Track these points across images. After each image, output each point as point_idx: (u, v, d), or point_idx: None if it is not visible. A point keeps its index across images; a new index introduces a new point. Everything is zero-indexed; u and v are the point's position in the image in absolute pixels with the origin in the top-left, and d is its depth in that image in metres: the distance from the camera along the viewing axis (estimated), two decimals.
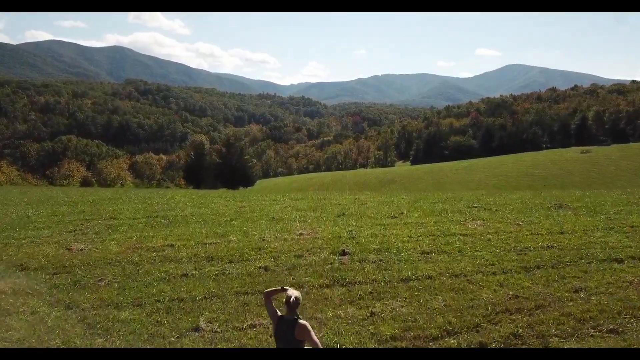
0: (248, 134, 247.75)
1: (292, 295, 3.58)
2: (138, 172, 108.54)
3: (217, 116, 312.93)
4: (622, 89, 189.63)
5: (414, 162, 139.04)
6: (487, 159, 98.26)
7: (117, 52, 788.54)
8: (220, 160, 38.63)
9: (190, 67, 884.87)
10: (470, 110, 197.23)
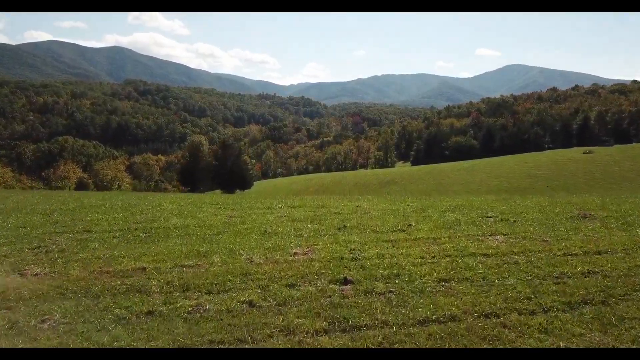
0: (247, 135, 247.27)
1: None
2: (136, 173, 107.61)
3: (216, 116, 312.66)
4: (624, 89, 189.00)
5: (414, 162, 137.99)
6: (489, 159, 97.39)
7: (117, 53, 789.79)
8: (216, 162, 37.47)
9: (190, 68, 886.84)
10: (470, 110, 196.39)
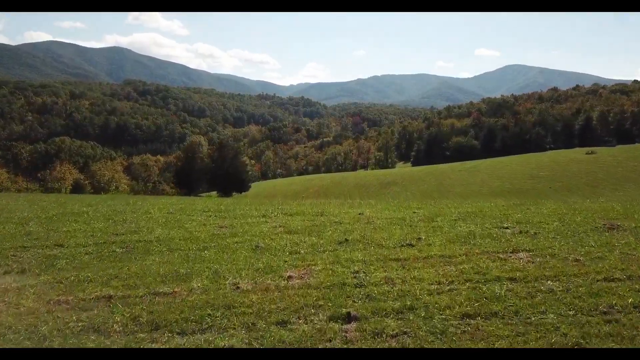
0: (247, 135, 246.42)
1: None
2: (134, 174, 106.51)
3: (216, 117, 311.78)
4: (625, 88, 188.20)
5: (414, 163, 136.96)
6: (490, 160, 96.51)
7: (117, 53, 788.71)
8: (213, 163, 36.32)
9: (190, 68, 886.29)
10: (471, 110, 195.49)
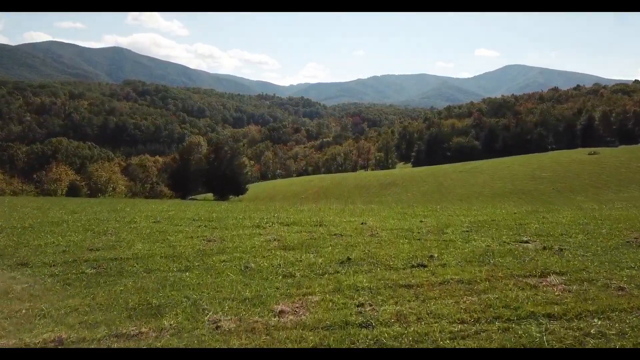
0: (247, 135, 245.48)
1: None
2: (132, 175, 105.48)
3: (215, 117, 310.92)
4: (626, 88, 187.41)
5: (415, 163, 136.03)
6: (491, 160, 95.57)
7: (116, 53, 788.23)
8: (208, 166, 35.15)
9: (189, 68, 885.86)
10: (471, 110, 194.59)
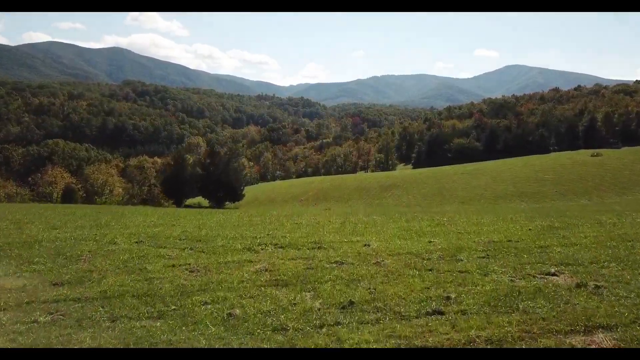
0: (246, 136, 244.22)
1: None
2: (129, 176, 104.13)
3: (215, 117, 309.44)
4: (628, 89, 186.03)
5: (415, 165, 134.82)
6: (493, 162, 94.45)
7: (116, 54, 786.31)
8: (204, 171, 33.78)
9: (189, 69, 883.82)
10: (472, 111, 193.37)
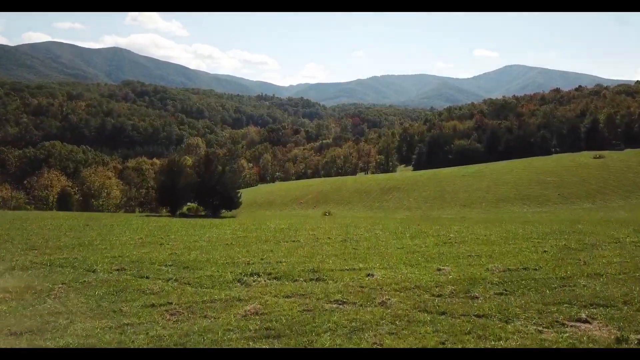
0: (246, 137, 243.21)
1: None
2: (127, 179, 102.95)
3: (214, 118, 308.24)
4: (629, 89, 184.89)
5: (416, 166, 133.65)
6: (495, 164, 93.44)
7: (116, 54, 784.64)
8: (199, 179, 32.73)
9: (189, 69, 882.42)
10: (472, 111, 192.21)
